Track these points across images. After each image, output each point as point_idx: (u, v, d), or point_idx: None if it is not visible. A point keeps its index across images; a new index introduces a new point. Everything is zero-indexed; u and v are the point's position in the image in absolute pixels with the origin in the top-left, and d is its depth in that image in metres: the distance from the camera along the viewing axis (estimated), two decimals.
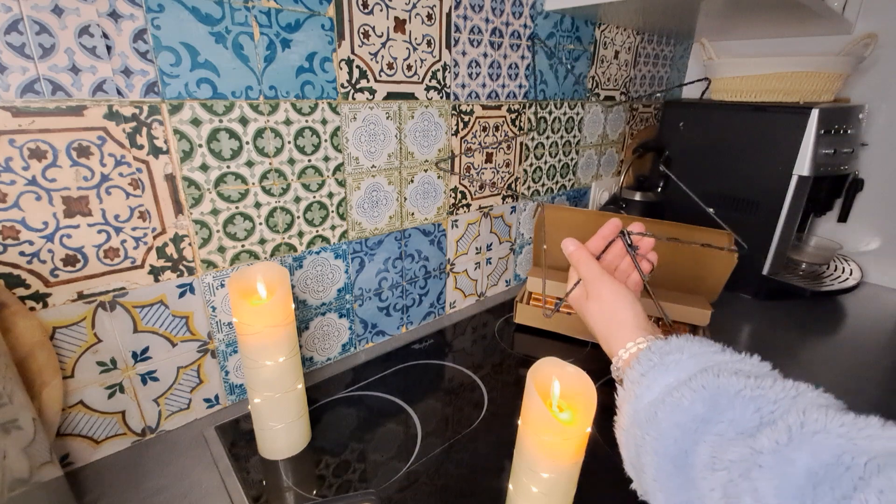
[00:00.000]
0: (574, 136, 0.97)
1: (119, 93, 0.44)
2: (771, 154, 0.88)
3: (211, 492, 0.48)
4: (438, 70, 0.68)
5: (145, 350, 0.52)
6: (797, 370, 0.71)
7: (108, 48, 0.42)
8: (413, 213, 0.73)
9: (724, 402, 0.30)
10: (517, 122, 0.84)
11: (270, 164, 0.56)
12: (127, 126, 0.45)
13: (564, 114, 0.92)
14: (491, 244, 0.89)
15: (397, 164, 0.68)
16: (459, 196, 0.79)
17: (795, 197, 0.87)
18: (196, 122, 0.49)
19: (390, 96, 0.64)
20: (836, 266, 1.04)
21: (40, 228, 0.43)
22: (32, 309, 0.44)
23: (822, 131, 0.83)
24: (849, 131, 0.88)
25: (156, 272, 0.50)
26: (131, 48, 0.44)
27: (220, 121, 0.51)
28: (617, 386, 0.39)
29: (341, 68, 0.58)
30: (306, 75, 0.55)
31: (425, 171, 0.72)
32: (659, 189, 1.06)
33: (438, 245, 0.79)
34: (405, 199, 0.71)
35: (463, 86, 0.72)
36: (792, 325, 0.85)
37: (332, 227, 0.64)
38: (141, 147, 0.46)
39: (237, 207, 0.54)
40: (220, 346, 0.57)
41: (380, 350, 0.74)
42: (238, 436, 0.55)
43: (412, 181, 0.71)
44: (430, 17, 0.65)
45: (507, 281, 0.97)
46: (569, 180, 1.01)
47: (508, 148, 0.84)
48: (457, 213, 0.80)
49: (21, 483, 0.34)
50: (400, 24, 0.62)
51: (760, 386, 0.30)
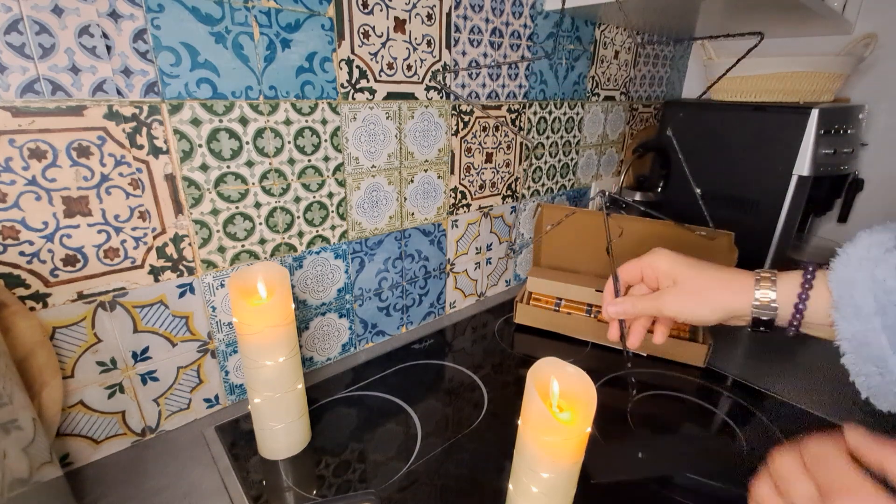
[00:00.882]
0: (574, 136, 0.97)
1: (119, 93, 0.44)
2: (771, 154, 0.88)
3: (211, 492, 0.48)
4: (438, 70, 0.68)
5: (145, 350, 0.52)
6: (797, 370, 0.72)
7: (108, 48, 0.42)
8: (413, 213, 0.73)
9: None
10: (517, 122, 0.84)
11: (270, 164, 0.56)
12: (127, 126, 0.45)
13: (564, 114, 0.92)
14: (491, 244, 0.89)
15: (397, 164, 0.68)
16: (459, 196, 0.79)
17: (795, 197, 0.87)
18: (196, 122, 0.49)
19: (390, 96, 0.64)
20: None
21: (40, 228, 0.43)
22: (32, 309, 0.44)
23: (822, 131, 0.83)
24: (849, 131, 0.88)
25: (156, 272, 0.50)
26: (131, 48, 0.44)
27: (220, 121, 0.51)
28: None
29: (341, 68, 0.58)
30: (306, 75, 0.55)
31: (425, 171, 0.72)
32: (659, 189, 1.06)
33: (438, 245, 0.79)
34: (405, 199, 0.71)
35: (463, 86, 0.72)
36: None
37: (332, 227, 0.64)
38: (141, 147, 0.46)
39: (237, 207, 0.54)
40: (220, 346, 0.58)
41: (380, 350, 0.74)
42: (238, 436, 0.55)
43: (412, 181, 0.71)
44: (430, 17, 0.65)
45: (507, 281, 0.97)
46: (569, 180, 1.01)
47: (508, 148, 0.84)
48: (457, 213, 0.80)
49: (21, 483, 0.34)
50: (400, 24, 0.62)
51: None
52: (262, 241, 0.58)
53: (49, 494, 0.39)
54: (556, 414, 0.40)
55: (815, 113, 0.81)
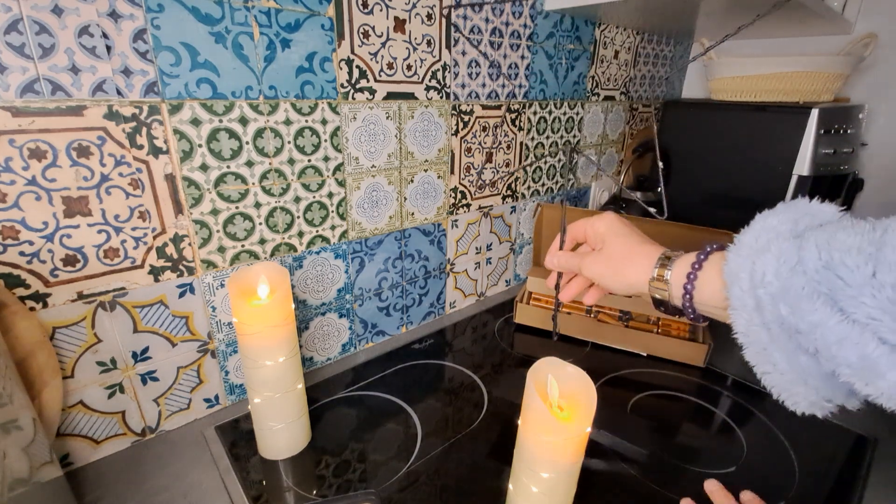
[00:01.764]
0: (574, 136, 0.97)
1: (119, 93, 0.44)
2: (771, 154, 0.88)
3: (211, 492, 0.48)
4: (438, 70, 0.68)
5: (145, 350, 0.52)
6: None
7: (108, 48, 0.42)
8: (413, 213, 0.73)
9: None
10: (517, 122, 0.84)
11: (270, 164, 0.56)
12: (127, 126, 0.45)
13: (564, 114, 0.92)
14: (491, 244, 0.89)
15: (397, 164, 0.68)
16: (459, 196, 0.79)
17: (795, 197, 0.86)
18: (196, 122, 0.49)
19: (390, 96, 0.64)
20: None
21: (40, 228, 0.43)
22: (32, 309, 0.44)
23: (822, 131, 0.83)
24: (849, 131, 0.88)
25: (156, 272, 0.50)
26: (131, 48, 0.44)
27: (220, 121, 0.51)
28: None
29: (341, 68, 0.58)
30: (306, 75, 0.55)
31: (425, 171, 0.72)
32: (659, 189, 1.06)
33: (438, 245, 0.79)
34: (405, 198, 0.71)
35: (463, 86, 0.72)
36: None
37: (332, 227, 0.64)
38: (141, 147, 0.46)
39: (237, 207, 0.54)
40: (220, 346, 0.58)
41: (380, 350, 0.74)
42: (238, 436, 0.55)
43: (412, 181, 0.71)
44: (429, 17, 0.65)
45: (507, 281, 0.97)
46: (568, 180, 1.01)
47: (508, 148, 0.84)
48: (457, 213, 0.80)
49: (21, 483, 0.34)
50: (400, 24, 0.62)
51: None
52: (262, 241, 0.58)
53: (49, 494, 0.39)
54: (556, 414, 0.40)
55: (815, 113, 0.81)
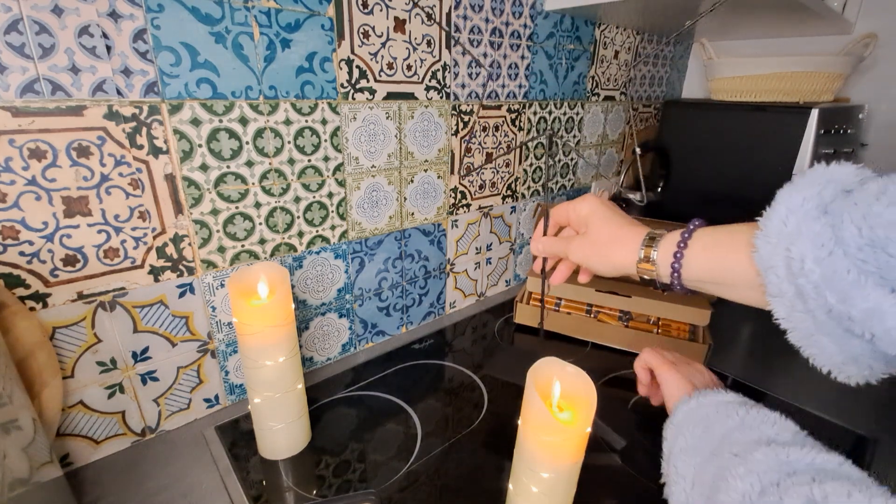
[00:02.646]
0: (574, 136, 0.97)
1: (119, 93, 0.44)
2: (771, 154, 0.88)
3: (211, 492, 0.48)
4: (438, 70, 0.68)
5: (145, 350, 0.52)
6: (797, 370, 0.71)
7: (108, 48, 0.42)
8: (413, 213, 0.73)
9: (713, 428, 0.38)
10: (517, 122, 0.84)
11: (270, 164, 0.56)
12: (127, 126, 0.45)
13: (564, 114, 0.92)
14: (491, 244, 0.89)
15: (397, 164, 0.68)
16: (459, 196, 0.79)
17: None
18: (196, 122, 0.49)
19: (390, 96, 0.64)
20: None
21: (40, 228, 0.43)
22: (32, 309, 0.44)
23: (822, 131, 0.83)
24: (849, 131, 0.88)
25: (156, 272, 0.50)
26: (131, 48, 0.44)
27: (220, 121, 0.51)
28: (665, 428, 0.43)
29: (341, 68, 0.58)
30: (306, 75, 0.55)
31: (425, 171, 0.72)
32: (659, 189, 1.06)
33: (438, 245, 0.79)
34: (405, 199, 0.71)
35: (463, 86, 0.72)
36: None
37: (332, 227, 0.64)
38: (141, 147, 0.46)
39: (237, 207, 0.54)
40: (219, 346, 0.57)
41: (380, 350, 0.74)
42: (238, 436, 0.55)
43: (412, 181, 0.71)
44: (429, 17, 0.65)
45: (507, 281, 0.97)
46: (569, 180, 1.01)
47: (508, 148, 0.84)
48: (457, 213, 0.80)
49: (21, 483, 0.34)
50: (400, 24, 0.62)
51: (746, 414, 0.39)
52: (262, 241, 0.58)
53: (49, 494, 0.39)
54: (556, 414, 0.40)
55: (815, 113, 0.81)
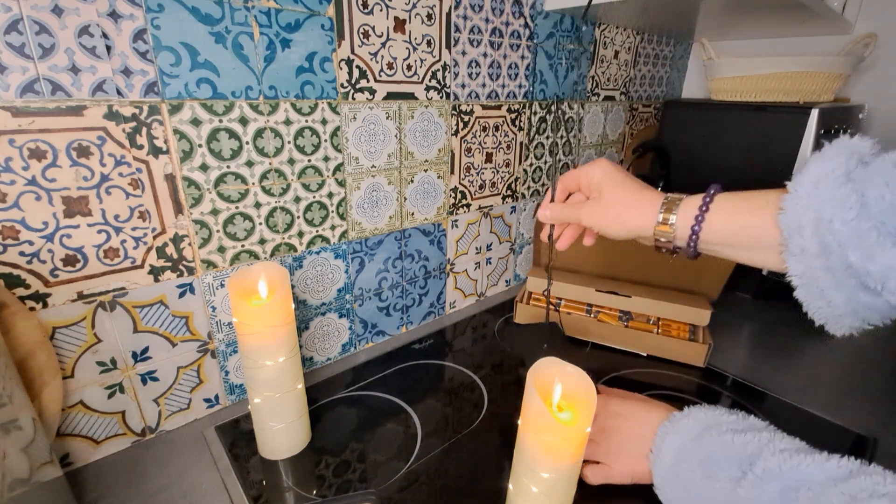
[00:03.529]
0: (574, 136, 0.97)
1: (119, 93, 0.44)
2: (771, 154, 0.88)
3: (211, 492, 0.48)
4: (438, 70, 0.68)
5: (145, 350, 0.52)
6: (797, 370, 0.72)
7: (108, 48, 0.42)
8: (413, 213, 0.73)
9: (716, 463, 0.38)
10: (517, 122, 0.84)
11: (270, 164, 0.56)
12: (127, 126, 0.45)
13: (564, 114, 0.92)
14: (491, 244, 0.89)
15: (397, 164, 0.68)
16: (459, 196, 0.79)
17: None
18: (196, 122, 0.49)
19: (390, 96, 0.64)
20: None
21: (40, 228, 0.43)
22: (32, 309, 0.44)
23: (822, 131, 0.83)
24: (849, 131, 0.88)
25: (156, 272, 0.50)
26: (131, 48, 0.44)
27: (220, 121, 0.51)
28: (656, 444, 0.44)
29: (341, 68, 0.58)
30: (306, 75, 0.55)
31: (425, 171, 0.72)
32: (659, 189, 1.06)
33: (438, 245, 0.79)
34: (405, 199, 0.71)
35: (463, 86, 0.72)
36: (792, 324, 0.85)
37: (332, 227, 0.64)
38: (141, 147, 0.46)
39: (237, 207, 0.54)
40: (220, 346, 0.57)
41: (380, 350, 0.74)
42: (238, 436, 0.55)
43: (412, 181, 0.71)
44: (429, 17, 0.65)
45: (507, 281, 0.97)
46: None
47: (508, 148, 0.84)
48: (457, 213, 0.80)
49: (21, 483, 0.34)
50: (400, 24, 0.62)
51: (742, 440, 0.38)
52: (262, 241, 0.58)
53: (49, 494, 0.39)
54: (555, 414, 0.40)
55: (815, 113, 0.81)
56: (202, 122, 0.49)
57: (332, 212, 0.63)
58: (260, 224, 0.57)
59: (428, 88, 0.68)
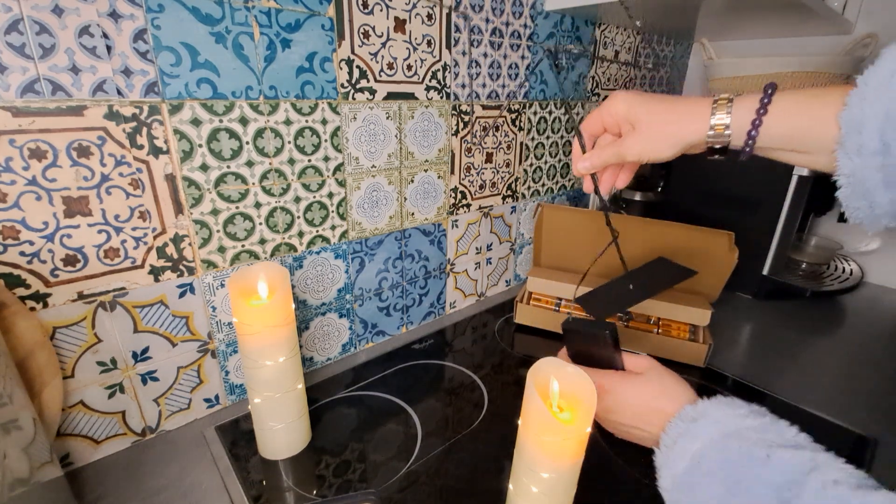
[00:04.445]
0: (574, 136, 0.97)
1: (119, 93, 0.44)
2: None
3: (211, 492, 0.48)
4: (438, 70, 0.68)
5: (145, 350, 0.52)
6: (797, 370, 0.72)
7: (109, 48, 0.42)
8: (413, 213, 0.73)
9: (745, 487, 0.32)
10: (517, 122, 0.84)
11: (270, 164, 0.56)
12: (127, 126, 0.45)
13: (564, 113, 0.92)
14: (491, 244, 0.89)
15: (397, 164, 0.68)
16: (459, 196, 0.79)
17: (796, 197, 0.87)
18: (196, 122, 0.49)
19: (390, 96, 0.64)
20: (836, 266, 1.04)
21: (40, 228, 0.43)
22: (33, 309, 0.44)
23: None
24: None
25: (156, 272, 0.50)
26: (131, 48, 0.44)
27: (221, 121, 0.51)
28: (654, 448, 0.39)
29: (341, 68, 0.58)
30: (306, 75, 0.55)
31: (425, 171, 0.72)
32: (659, 189, 1.06)
33: (438, 245, 0.79)
34: (405, 199, 0.71)
35: (463, 86, 0.72)
36: (792, 324, 0.85)
37: (333, 227, 0.64)
38: (141, 147, 0.46)
39: (237, 207, 0.54)
40: (220, 346, 0.58)
41: (380, 350, 0.74)
42: (238, 436, 0.55)
43: (412, 181, 0.71)
44: (430, 17, 0.65)
45: (507, 281, 0.97)
46: (569, 180, 1.01)
47: (509, 148, 0.84)
48: (457, 213, 0.80)
49: (21, 483, 0.34)
50: (400, 24, 0.62)
51: (780, 459, 0.32)
52: (263, 241, 0.58)
53: (49, 494, 0.39)
54: (556, 414, 0.40)
55: None
56: (202, 122, 0.49)
57: (333, 212, 0.63)
58: (260, 224, 0.57)
59: (428, 88, 0.68)
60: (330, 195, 0.62)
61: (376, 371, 0.68)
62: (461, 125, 0.75)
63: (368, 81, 0.61)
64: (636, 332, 0.73)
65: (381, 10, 0.59)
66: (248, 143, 0.53)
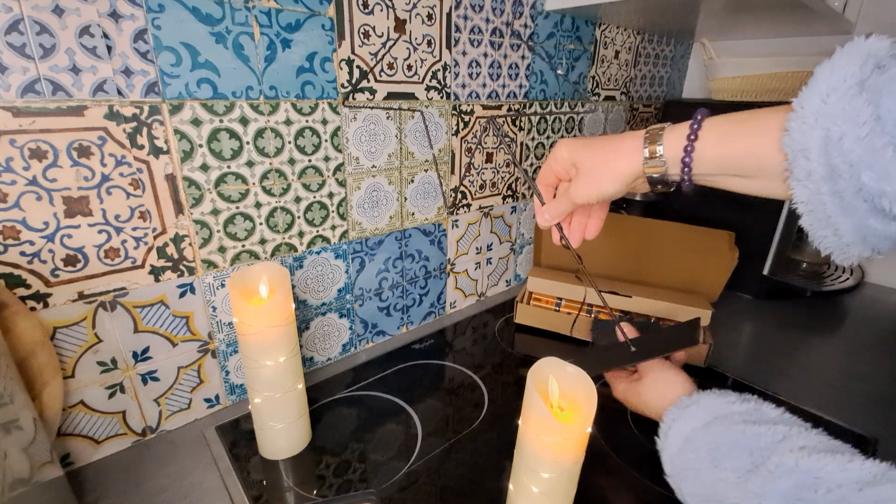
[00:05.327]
0: (574, 137, 0.97)
1: (119, 93, 0.44)
2: None
3: (211, 492, 0.48)
4: (439, 70, 0.68)
5: (146, 350, 0.52)
6: (798, 370, 0.72)
7: (109, 48, 0.42)
8: (413, 213, 0.73)
9: (725, 452, 0.38)
10: (517, 122, 0.84)
11: (271, 164, 0.56)
12: (127, 126, 0.45)
13: (565, 114, 0.92)
14: (491, 244, 0.89)
15: (397, 164, 0.68)
16: (460, 196, 0.79)
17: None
18: (196, 122, 0.49)
19: (391, 96, 0.64)
20: (836, 266, 1.04)
21: (41, 228, 0.43)
22: (33, 309, 0.44)
23: None
24: None
25: (156, 272, 0.50)
26: (132, 48, 0.44)
27: (221, 121, 0.51)
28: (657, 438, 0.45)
29: (341, 68, 0.58)
30: (306, 75, 0.55)
31: (425, 171, 0.72)
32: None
33: (439, 245, 0.79)
34: (405, 199, 0.71)
35: (463, 86, 0.72)
36: (792, 324, 0.85)
37: (333, 227, 0.64)
38: (141, 147, 0.46)
39: (237, 207, 0.54)
40: (220, 346, 0.58)
41: (380, 350, 0.74)
42: (238, 436, 0.55)
43: (412, 181, 0.71)
44: (430, 17, 0.65)
45: (507, 281, 0.97)
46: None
47: (509, 148, 0.84)
48: (457, 213, 0.80)
49: (22, 483, 0.34)
50: (400, 24, 0.62)
51: (755, 432, 0.37)
52: (263, 241, 0.58)
53: (50, 494, 0.39)
54: (556, 414, 0.40)
55: None
56: (203, 123, 0.49)
57: (333, 212, 0.63)
58: (260, 224, 0.57)
59: (428, 88, 0.68)
60: (330, 195, 0.62)
61: (376, 371, 0.68)
62: (461, 125, 0.75)
63: (369, 81, 0.61)
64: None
65: (382, 10, 0.59)
66: (248, 143, 0.53)
